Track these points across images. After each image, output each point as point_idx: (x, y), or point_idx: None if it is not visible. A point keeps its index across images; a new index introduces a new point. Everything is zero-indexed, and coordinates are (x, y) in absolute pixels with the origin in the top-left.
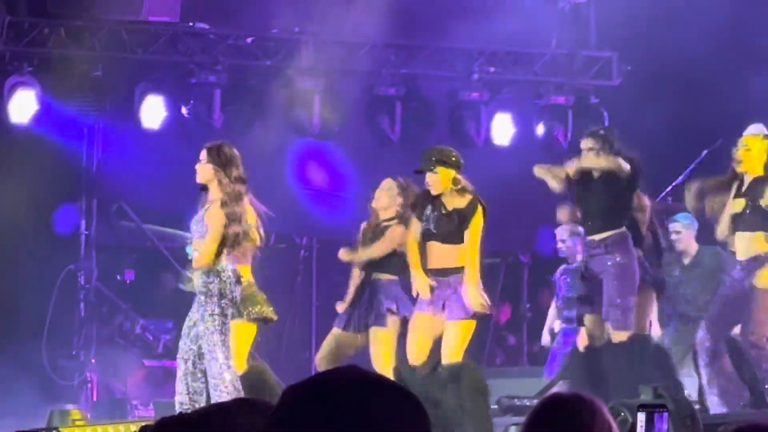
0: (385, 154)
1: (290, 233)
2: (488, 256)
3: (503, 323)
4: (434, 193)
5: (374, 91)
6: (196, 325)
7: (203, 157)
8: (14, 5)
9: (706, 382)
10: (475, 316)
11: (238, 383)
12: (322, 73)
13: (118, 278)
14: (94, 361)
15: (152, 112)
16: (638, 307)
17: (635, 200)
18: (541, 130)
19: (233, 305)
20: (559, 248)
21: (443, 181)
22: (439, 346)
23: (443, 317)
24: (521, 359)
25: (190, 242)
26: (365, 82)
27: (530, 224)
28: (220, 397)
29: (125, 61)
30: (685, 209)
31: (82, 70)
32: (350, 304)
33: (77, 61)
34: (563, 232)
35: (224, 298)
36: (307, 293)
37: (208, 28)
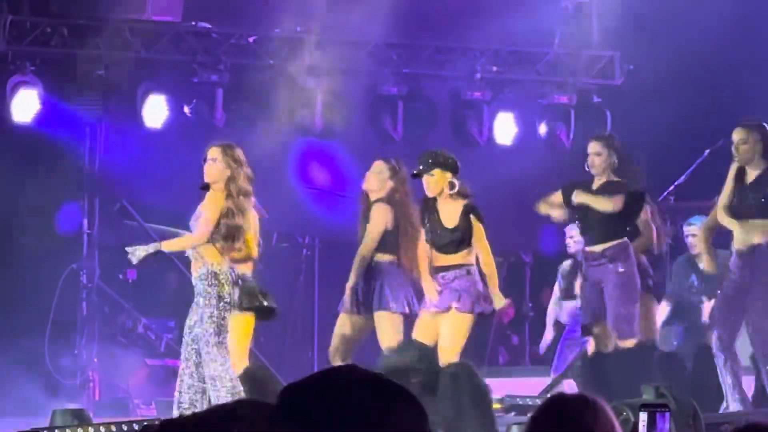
0: (387, 153)
1: (292, 232)
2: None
3: (506, 323)
4: (430, 195)
5: (377, 90)
6: (195, 326)
7: (215, 156)
8: (17, 4)
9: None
10: (473, 311)
11: (238, 384)
12: (324, 72)
13: (120, 277)
14: (96, 360)
15: (155, 111)
16: (644, 314)
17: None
18: (543, 129)
19: (232, 307)
20: (567, 243)
21: (439, 183)
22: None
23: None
24: (523, 359)
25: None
26: (368, 81)
27: (533, 224)
28: (219, 397)
29: (128, 60)
30: (694, 210)
31: (84, 69)
32: (353, 286)
33: (80, 60)
34: (574, 228)
35: (223, 300)
36: (309, 292)
37: (210, 27)
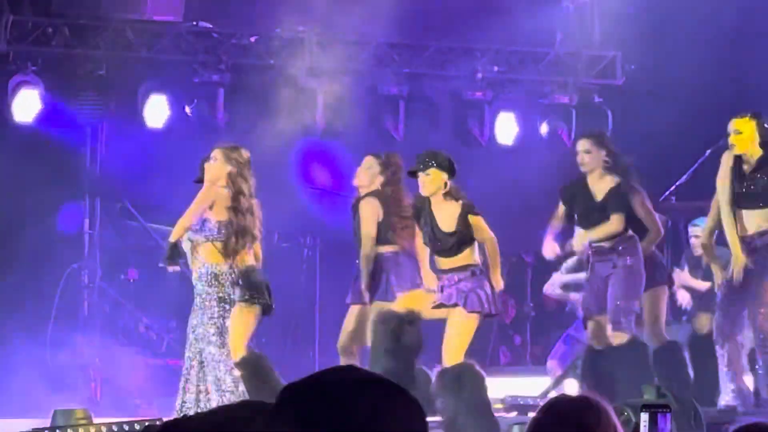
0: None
1: (294, 232)
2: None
3: (509, 323)
4: (424, 194)
5: (378, 90)
6: (197, 326)
7: (216, 156)
8: (18, 4)
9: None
10: (479, 313)
11: (240, 384)
12: (325, 72)
13: (121, 277)
14: (97, 359)
15: (156, 111)
16: (652, 308)
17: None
18: (544, 129)
19: (230, 307)
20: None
21: (434, 183)
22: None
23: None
24: (525, 359)
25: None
26: (369, 81)
27: (534, 224)
28: (222, 397)
29: (129, 60)
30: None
31: (85, 69)
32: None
33: (81, 60)
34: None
35: (223, 301)
36: (310, 292)
37: (211, 27)
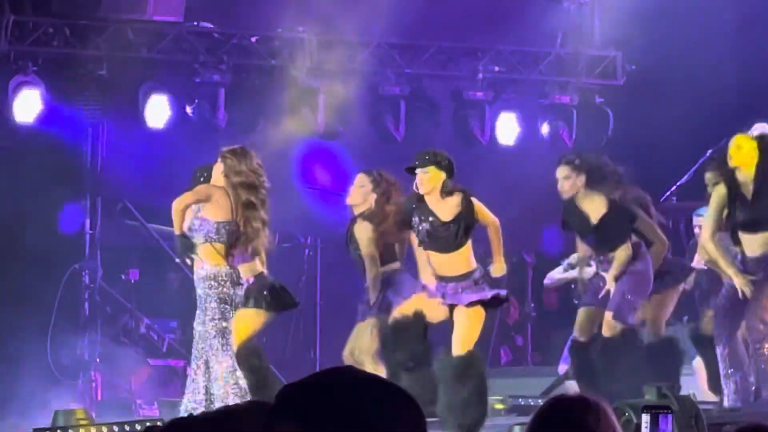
0: (389, 153)
1: (295, 232)
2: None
3: (511, 324)
4: (421, 192)
5: (379, 90)
6: (199, 327)
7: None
8: (19, 4)
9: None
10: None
11: (244, 384)
12: (326, 72)
13: (122, 277)
14: (98, 360)
15: (157, 111)
16: (657, 308)
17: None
18: (545, 129)
19: (234, 308)
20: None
21: (432, 181)
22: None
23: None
24: (526, 359)
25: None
26: (370, 81)
27: (535, 224)
28: (226, 398)
29: (130, 60)
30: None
31: (86, 69)
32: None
33: (82, 60)
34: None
35: (224, 303)
36: (311, 292)
37: (212, 27)
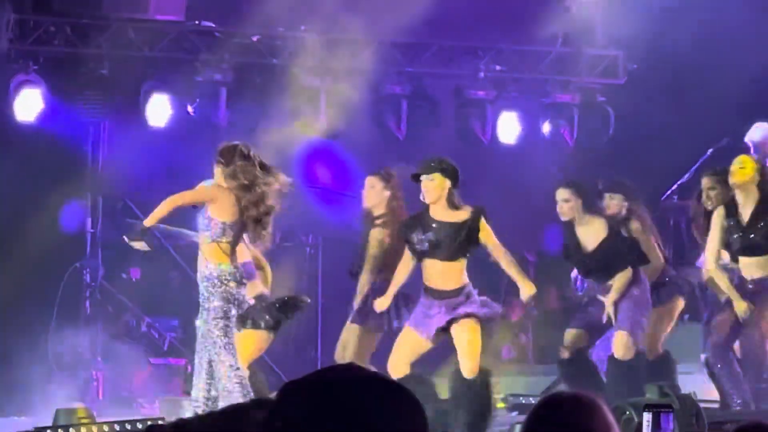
0: (391, 152)
1: (296, 232)
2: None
3: (515, 321)
4: (427, 200)
5: (380, 89)
6: (203, 326)
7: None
8: (20, 3)
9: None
10: (480, 320)
11: (246, 383)
12: (328, 71)
13: (123, 276)
14: (99, 358)
15: (158, 110)
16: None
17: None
18: (547, 128)
19: (237, 307)
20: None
21: (437, 189)
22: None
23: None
24: (527, 357)
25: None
26: (371, 80)
27: (536, 223)
28: (230, 397)
29: (131, 59)
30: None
31: (87, 68)
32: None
33: (83, 59)
34: None
35: (228, 302)
36: (312, 291)
37: (213, 26)
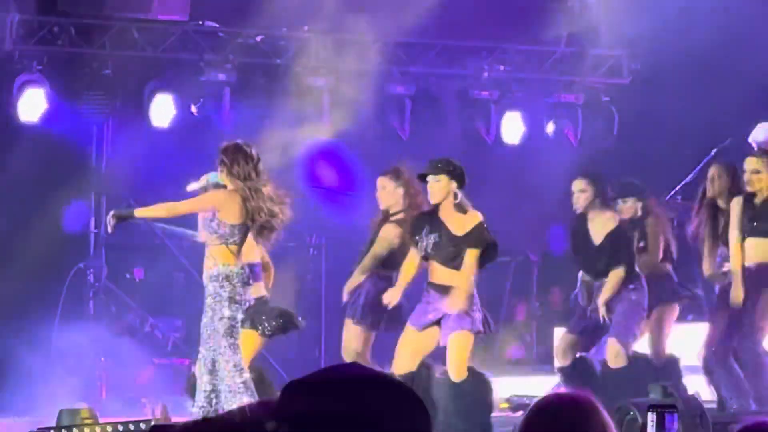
0: (395, 152)
1: (299, 232)
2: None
3: (520, 321)
4: (432, 201)
5: (384, 89)
6: (208, 326)
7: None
8: (24, 3)
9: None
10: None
11: (251, 384)
12: (331, 71)
13: (127, 276)
14: (103, 359)
15: (162, 110)
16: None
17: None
18: (551, 128)
19: (242, 308)
20: None
21: (443, 190)
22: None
23: (435, 330)
24: (532, 358)
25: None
26: (375, 80)
27: (540, 223)
28: (234, 398)
29: (135, 59)
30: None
31: (91, 68)
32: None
33: (87, 59)
34: None
35: (234, 302)
36: (316, 292)
37: (217, 26)
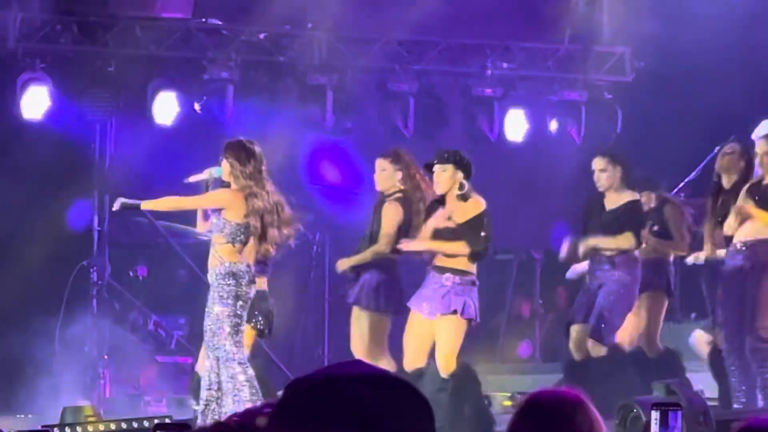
0: None
1: (303, 229)
2: (501, 252)
3: (525, 319)
4: (438, 191)
5: (387, 87)
6: (212, 324)
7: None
8: (27, 2)
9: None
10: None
11: (254, 382)
12: (334, 69)
13: (130, 274)
14: (106, 357)
15: (165, 108)
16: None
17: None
18: (554, 126)
19: (247, 306)
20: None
21: (450, 180)
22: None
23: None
24: (535, 356)
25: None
26: (378, 78)
27: (543, 221)
28: (237, 396)
29: (138, 57)
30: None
31: (94, 66)
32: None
33: (90, 57)
34: None
35: (239, 300)
36: (319, 289)
37: (220, 24)
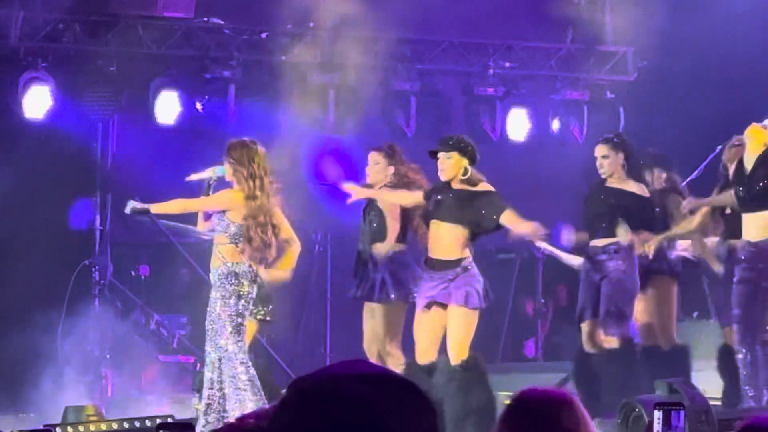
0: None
1: (304, 228)
2: (503, 251)
3: (528, 318)
4: (443, 178)
5: (389, 85)
6: (214, 323)
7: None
8: (29, 1)
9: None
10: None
11: (256, 381)
12: (336, 67)
13: (132, 274)
14: (108, 356)
15: (167, 107)
16: (659, 302)
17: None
18: (556, 125)
19: (249, 306)
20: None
21: (455, 167)
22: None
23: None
24: (537, 354)
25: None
26: (380, 76)
27: (545, 220)
28: (239, 395)
29: (140, 56)
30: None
31: (96, 65)
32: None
33: (92, 56)
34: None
35: (242, 299)
36: (321, 288)
37: (222, 23)
